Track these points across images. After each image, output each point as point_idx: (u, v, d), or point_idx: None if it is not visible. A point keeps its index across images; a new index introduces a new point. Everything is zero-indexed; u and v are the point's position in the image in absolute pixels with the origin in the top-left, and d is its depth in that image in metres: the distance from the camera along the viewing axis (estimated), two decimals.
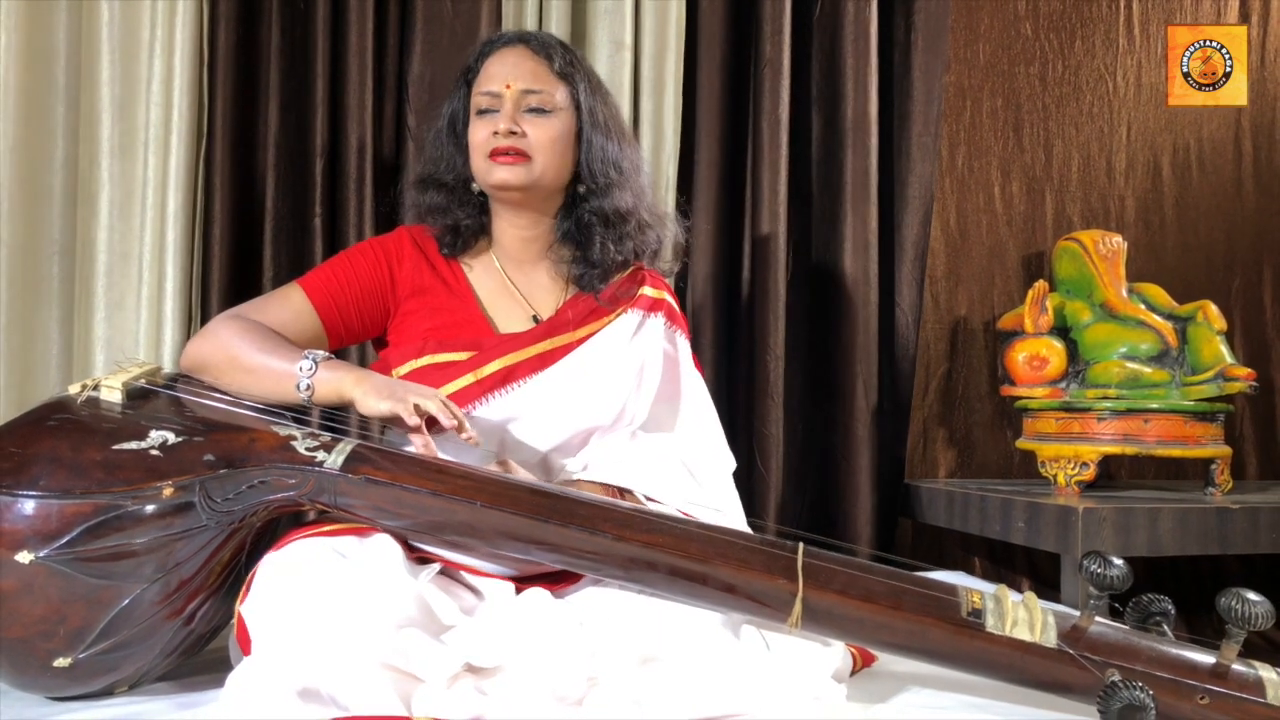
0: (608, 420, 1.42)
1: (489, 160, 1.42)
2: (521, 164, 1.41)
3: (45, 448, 1.11)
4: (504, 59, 1.45)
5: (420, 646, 1.03)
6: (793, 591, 1.11)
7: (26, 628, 1.07)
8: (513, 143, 1.41)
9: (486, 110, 1.43)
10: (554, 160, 1.44)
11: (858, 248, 2.31)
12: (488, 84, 1.44)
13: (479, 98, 1.44)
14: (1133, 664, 1.06)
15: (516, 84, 1.42)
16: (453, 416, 1.22)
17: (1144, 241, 2.69)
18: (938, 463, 2.54)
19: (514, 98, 1.42)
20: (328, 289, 1.43)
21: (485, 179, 1.45)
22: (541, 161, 1.43)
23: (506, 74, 1.43)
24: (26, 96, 1.83)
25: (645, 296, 1.51)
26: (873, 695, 1.20)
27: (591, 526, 1.14)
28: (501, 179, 1.42)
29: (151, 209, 1.85)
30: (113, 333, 1.85)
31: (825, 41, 2.36)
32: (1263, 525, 1.94)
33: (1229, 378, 2.10)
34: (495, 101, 1.43)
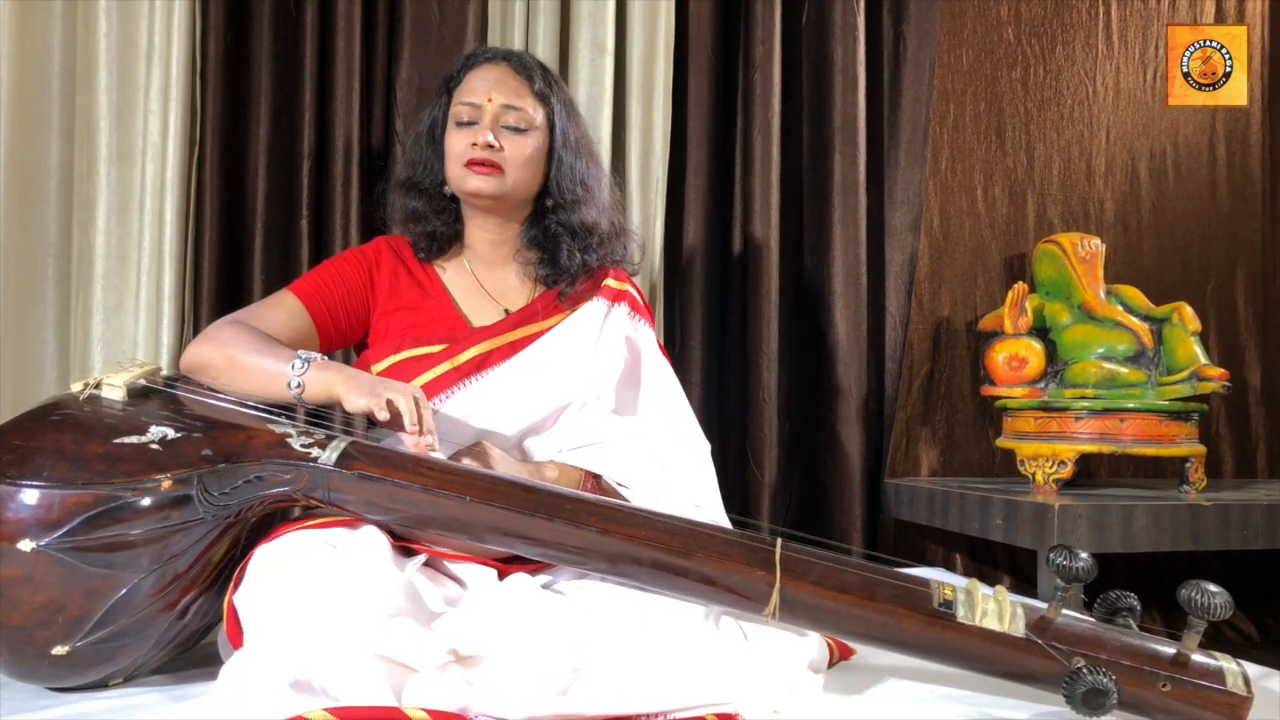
0: (576, 399, 1.48)
1: (464, 168, 1.50)
2: (495, 176, 1.50)
3: (48, 441, 1.14)
4: (487, 74, 1.52)
5: (410, 636, 1.06)
6: (770, 583, 1.14)
7: (27, 615, 1.09)
8: (489, 155, 1.49)
9: (467, 122, 1.51)
10: (525, 175, 1.53)
11: (846, 251, 2.35)
12: (470, 95, 1.51)
13: (460, 107, 1.51)
14: (1098, 653, 1.10)
15: (498, 99, 1.50)
16: (416, 418, 1.25)
17: (1122, 244, 2.74)
18: (920, 461, 2.58)
19: (494, 112, 1.50)
20: (317, 292, 1.49)
21: (460, 185, 1.52)
22: (514, 176, 1.51)
23: (489, 88, 1.51)
24: (21, 103, 1.85)
25: (609, 288, 1.59)
26: (849, 686, 1.24)
27: (577, 520, 1.17)
28: (475, 187, 1.50)
29: (150, 214, 1.88)
30: (111, 334, 1.88)
31: (814, 47, 2.40)
32: (1234, 522, 1.99)
33: (1203, 378, 2.15)
34: (476, 113, 1.50)
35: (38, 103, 1.88)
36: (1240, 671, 1.11)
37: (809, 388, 2.39)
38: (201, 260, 1.93)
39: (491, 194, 1.51)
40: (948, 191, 2.62)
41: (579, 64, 2.18)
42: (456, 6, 2.11)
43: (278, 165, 2.01)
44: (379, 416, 1.22)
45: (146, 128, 1.89)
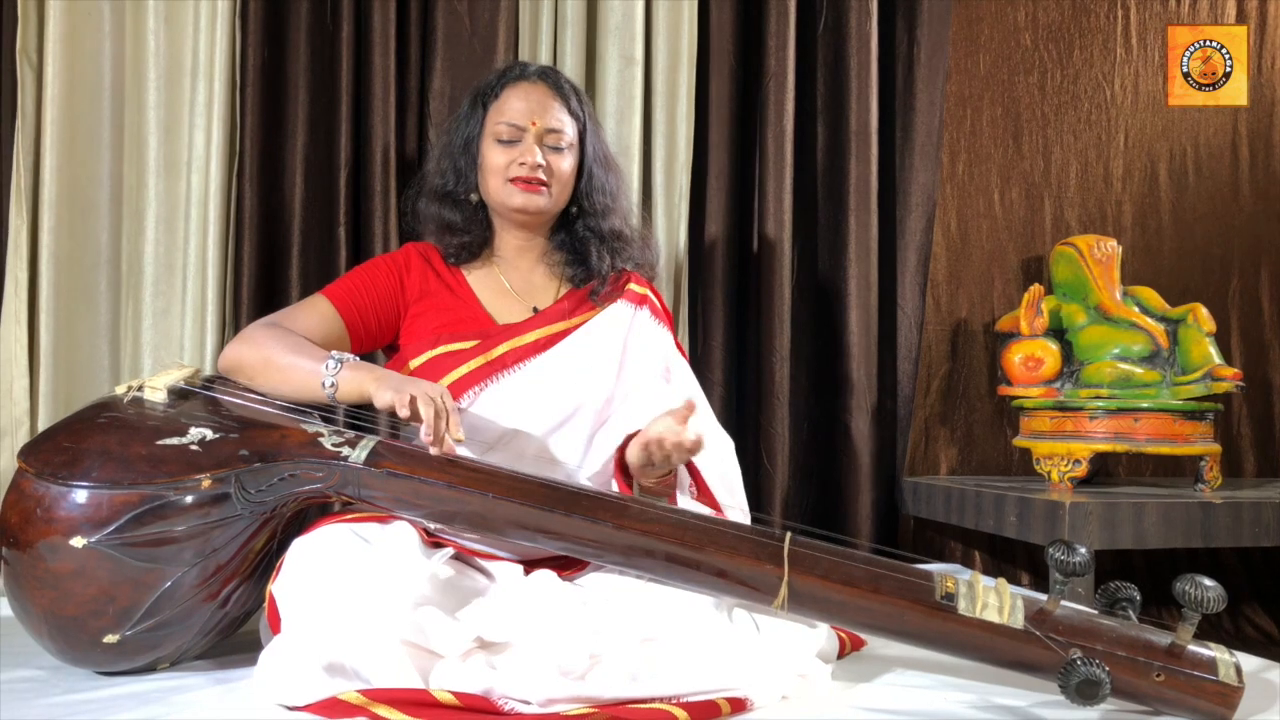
0: (603, 396, 1.52)
1: (509, 185, 1.56)
2: (541, 193, 1.57)
3: (96, 443, 1.22)
4: (528, 94, 1.58)
5: (436, 623, 1.13)
6: (779, 576, 1.20)
7: (80, 606, 1.17)
8: (539, 175, 1.56)
9: (509, 141, 1.57)
10: (566, 190, 1.61)
11: (861, 253, 2.40)
12: (511, 116, 1.57)
13: (500, 127, 1.57)
14: (1094, 644, 1.14)
15: (540, 122, 1.57)
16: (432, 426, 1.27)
17: (1141, 245, 2.75)
18: (939, 460, 2.62)
19: (538, 134, 1.56)
20: (349, 295, 1.55)
21: (504, 201, 1.58)
22: (556, 191, 1.59)
23: (531, 110, 1.57)
24: (73, 119, 1.94)
25: (633, 292, 1.64)
26: (857, 675, 1.29)
27: (593, 515, 1.24)
28: (522, 204, 1.57)
29: (194, 224, 1.97)
30: (159, 338, 1.98)
31: (829, 54, 2.45)
32: (1245, 519, 2.01)
33: (1216, 378, 2.17)
34: (518, 134, 1.56)
35: (89, 119, 1.97)
36: (1233, 662, 1.15)
37: (824, 386, 2.44)
38: (242, 267, 2.01)
39: (538, 210, 1.58)
40: (965, 195, 2.66)
41: (607, 75, 2.24)
42: (488, 20, 2.17)
43: (315, 175, 2.08)
44: (400, 413, 1.27)
45: (191, 141, 1.98)
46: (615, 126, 2.21)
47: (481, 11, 2.17)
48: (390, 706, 1.04)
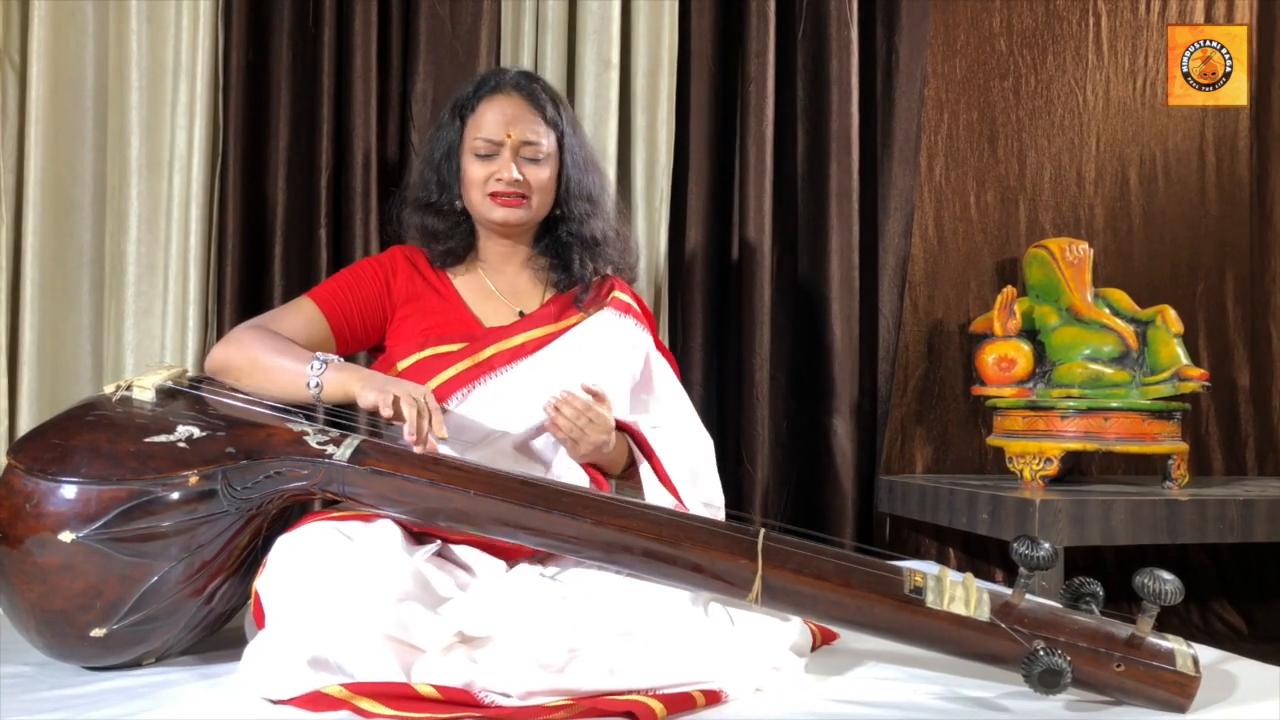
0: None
1: (489, 199, 1.59)
2: (521, 206, 1.59)
3: (85, 440, 1.24)
4: (503, 107, 1.59)
5: (418, 618, 1.16)
6: (753, 570, 1.23)
7: (68, 600, 1.19)
8: (515, 188, 1.57)
9: (486, 155, 1.58)
10: (546, 200, 1.63)
11: (841, 256, 2.43)
12: (488, 130, 1.58)
13: (478, 141, 1.58)
14: (1057, 635, 1.18)
15: (516, 134, 1.58)
16: (415, 427, 1.29)
17: (1113, 248, 2.81)
18: (915, 459, 2.66)
19: (514, 147, 1.58)
20: (334, 298, 1.57)
21: (485, 214, 1.61)
22: (536, 202, 1.61)
23: (507, 124, 1.58)
24: (56, 119, 1.95)
25: (617, 299, 1.67)
26: (829, 668, 1.32)
27: (573, 512, 1.27)
28: (503, 218, 1.60)
29: (177, 224, 1.98)
30: (141, 338, 1.99)
31: (809, 59, 2.48)
32: (1210, 516, 2.07)
33: (1184, 378, 2.23)
34: (494, 148, 1.58)
35: (72, 119, 1.98)
36: (1191, 653, 1.19)
37: (804, 387, 2.47)
38: (225, 267, 2.02)
39: (518, 223, 1.61)
40: (941, 198, 2.70)
41: (585, 78, 2.26)
42: (470, 23, 2.19)
43: (297, 176, 2.09)
44: (384, 413, 1.30)
45: (174, 141, 1.99)
46: (593, 130, 2.23)
47: (464, 15, 2.19)
48: (373, 700, 1.07)
